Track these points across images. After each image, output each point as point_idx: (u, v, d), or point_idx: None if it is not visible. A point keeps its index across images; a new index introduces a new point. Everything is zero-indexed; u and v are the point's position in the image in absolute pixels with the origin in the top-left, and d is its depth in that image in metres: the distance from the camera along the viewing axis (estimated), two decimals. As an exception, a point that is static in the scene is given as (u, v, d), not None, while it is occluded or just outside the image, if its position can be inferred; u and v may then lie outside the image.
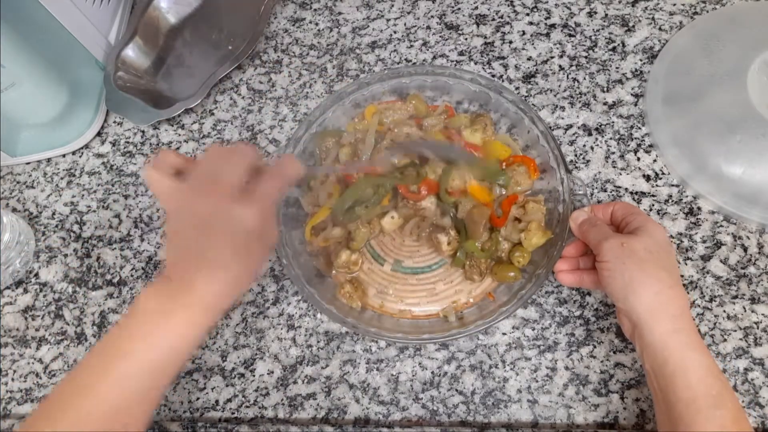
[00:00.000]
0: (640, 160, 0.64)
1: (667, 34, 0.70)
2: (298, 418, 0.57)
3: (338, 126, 0.65)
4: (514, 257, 0.57)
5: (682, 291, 0.47)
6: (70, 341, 0.64)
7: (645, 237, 0.48)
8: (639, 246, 0.47)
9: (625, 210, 0.53)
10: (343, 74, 0.73)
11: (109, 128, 0.74)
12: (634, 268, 0.46)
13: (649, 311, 0.46)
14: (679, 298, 0.46)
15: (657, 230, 0.49)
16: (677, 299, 0.46)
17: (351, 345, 0.59)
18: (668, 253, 0.49)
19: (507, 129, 0.64)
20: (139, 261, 0.66)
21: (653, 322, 0.45)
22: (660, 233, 0.49)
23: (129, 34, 0.74)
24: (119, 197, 0.70)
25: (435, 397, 0.57)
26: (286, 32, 0.76)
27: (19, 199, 0.72)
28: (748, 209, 0.60)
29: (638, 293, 0.46)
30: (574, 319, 0.58)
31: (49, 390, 0.62)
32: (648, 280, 0.46)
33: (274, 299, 0.62)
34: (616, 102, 0.67)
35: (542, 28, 0.72)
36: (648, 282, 0.46)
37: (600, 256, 0.49)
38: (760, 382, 0.55)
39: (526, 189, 0.60)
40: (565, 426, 0.55)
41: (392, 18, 0.75)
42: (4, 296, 0.67)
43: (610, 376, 0.56)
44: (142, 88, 0.73)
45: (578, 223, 0.53)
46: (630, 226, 0.51)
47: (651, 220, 0.50)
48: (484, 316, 0.55)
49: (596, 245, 0.50)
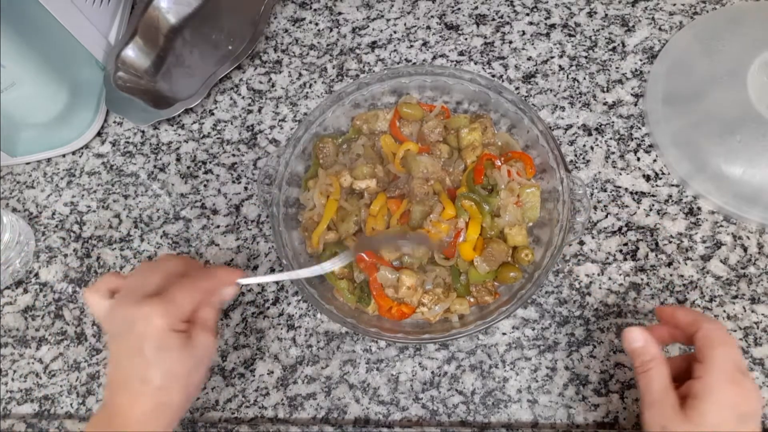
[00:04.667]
0: (640, 160, 0.64)
1: (667, 34, 0.70)
2: (298, 418, 0.57)
3: (338, 126, 0.65)
4: (519, 257, 0.57)
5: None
6: (70, 341, 0.64)
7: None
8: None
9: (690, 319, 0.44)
10: (343, 74, 0.73)
11: (109, 128, 0.74)
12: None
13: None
14: None
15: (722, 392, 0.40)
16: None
17: (351, 345, 0.59)
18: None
19: (507, 129, 0.64)
20: (139, 261, 0.66)
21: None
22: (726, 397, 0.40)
23: (129, 34, 0.74)
24: (119, 197, 0.70)
25: (435, 397, 0.57)
26: (286, 32, 0.76)
27: (19, 199, 0.72)
28: (748, 209, 0.60)
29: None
30: (574, 319, 0.58)
31: (48, 390, 0.62)
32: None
33: (274, 299, 0.62)
34: (616, 102, 0.67)
35: (542, 28, 0.72)
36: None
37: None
38: (760, 382, 0.55)
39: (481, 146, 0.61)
40: (565, 426, 0.55)
41: (392, 18, 0.75)
42: (4, 296, 0.67)
43: (610, 376, 0.56)
44: (142, 88, 0.73)
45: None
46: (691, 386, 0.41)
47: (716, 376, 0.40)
48: (484, 316, 0.55)
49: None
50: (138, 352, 0.39)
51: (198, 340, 0.42)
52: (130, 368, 0.39)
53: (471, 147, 0.61)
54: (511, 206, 0.58)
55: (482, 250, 0.57)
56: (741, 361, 0.41)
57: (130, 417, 0.39)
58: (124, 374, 0.40)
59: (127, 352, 0.40)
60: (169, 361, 0.40)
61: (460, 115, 0.65)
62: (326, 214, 0.59)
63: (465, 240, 0.56)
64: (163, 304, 0.40)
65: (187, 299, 0.42)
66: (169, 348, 0.40)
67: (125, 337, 0.40)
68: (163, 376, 0.39)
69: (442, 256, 0.57)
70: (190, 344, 0.41)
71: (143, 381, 0.39)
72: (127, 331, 0.40)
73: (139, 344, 0.39)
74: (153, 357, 0.39)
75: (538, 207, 0.59)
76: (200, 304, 0.43)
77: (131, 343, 0.39)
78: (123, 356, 0.40)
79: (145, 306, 0.39)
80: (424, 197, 0.58)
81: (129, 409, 0.39)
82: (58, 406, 0.61)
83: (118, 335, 0.41)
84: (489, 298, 0.57)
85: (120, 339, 0.40)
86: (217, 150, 0.70)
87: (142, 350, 0.39)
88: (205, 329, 0.43)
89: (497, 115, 0.63)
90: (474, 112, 0.65)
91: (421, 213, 0.58)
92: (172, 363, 0.40)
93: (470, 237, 0.56)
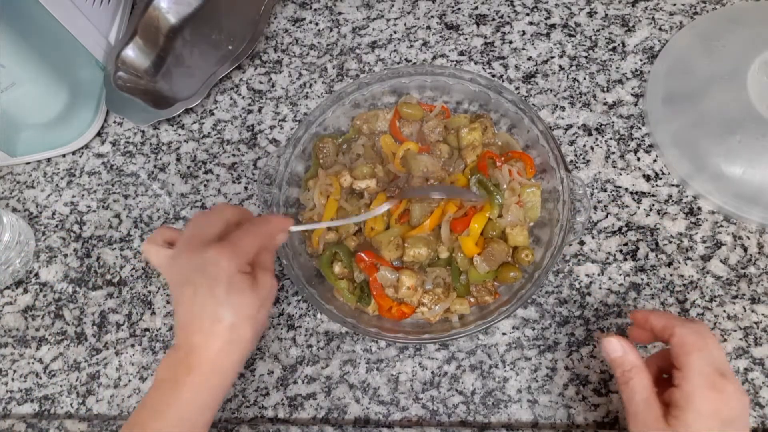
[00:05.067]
0: (640, 160, 0.64)
1: (667, 34, 0.70)
2: (298, 418, 0.57)
3: (338, 126, 0.65)
4: (519, 258, 0.57)
5: None
6: (70, 341, 0.64)
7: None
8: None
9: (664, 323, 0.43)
10: (343, 74, 0.73)
11: (109, 128, 0.74)
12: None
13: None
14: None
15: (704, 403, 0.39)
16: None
17: (351, 345, 0.59)
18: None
19: (507, 129, 0.64)
20: (139, 261, 0.66)
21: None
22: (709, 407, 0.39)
23: (129, 34, 0.74)
24: (119, 197, 0.70)
25: (435, 397, 0.57)
26: (286, 32, 0.76)
27: (19, 199, 0.72)
28: (748, 209, 0.60)
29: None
30: (574, 319, 0.58)
31: (48, 390, 0.62)
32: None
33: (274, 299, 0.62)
34: (616, 102, 0.67)
35: (542, 28, 0.72)
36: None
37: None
38: (760, 382, 0.55)
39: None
40: (565, 426, 0.55)
41: (392, 18, 0.75)
42: (4, 296, 0.67)
43: (610, 376, 0.56)
44: (142, 88, 0.73)
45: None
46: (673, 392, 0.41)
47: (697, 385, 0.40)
48: (484, 316, 0.55)
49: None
50: (209, 293, 0.40)
51: (262, 281, 0.43)
52: (202, 310, 0.41)
53: (471, 147, 0.61)
54: (514, 206, 0.58)
55: (483, 249, 0.57)
56: (721, 362, 0.40)
57: (205, 354, 0.40)
58: (196, 316, 0.41)
59: (196, 295, 0.41)
60: (239, 300, 0.41)
61: (460, 115, 0.65)
62: (326, 214, 0.59)
63: (468, 234, 0.56)
64: (229, 247, 0.41)
65: (249, 243, 0.43)
66: (239, 289, 0.41)
67: (194, 281, 0.41)
68: (234, 315, 0.41)
69: (453, 239, 0.57)
70: (255, 285, 0.43)
71: (216, 320, 0.40)
72: (196, 276, 0.41)
73: (210, 286, 0.40)
74: (224, 297, 0.40)
75: (538, 207, 0.59)
76: (260, 248, 0.45)
77: (201, 287, 0.41)
78: (193, 299, 0.41)
79: (212, 250, 0.41)
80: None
81: (204, 347, 0.40)
82: (58, 406, 0.61)
83: (185, 281, 0.42)
84: (489, 298, 0.57)
85: (187, 284, 0.41)
86: (217, 150, 0.70)
87: (213, 292, 0.40)
88: (266, 271, 0.44)
89: (497, 115, 0.63)
90: (474, 112, 0.65)
91: (421, 211, 0.58)
92: (241, 302, 0.41)
93: (474, 231, 0.56)
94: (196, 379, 0.40)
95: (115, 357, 0.62)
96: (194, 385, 0.41)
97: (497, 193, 0.57)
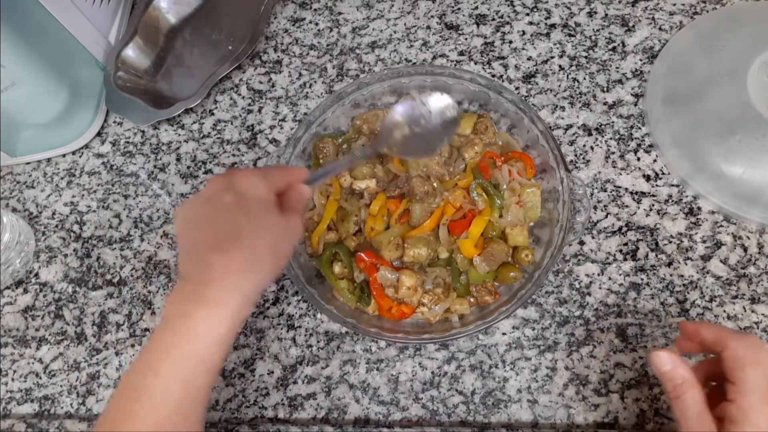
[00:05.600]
0: (640, 160, 0.64)
1: (667, 34, 0.70)
2: (298, 418, 0.57)
3: (338, 126, 0.65)
4: (519, 258, 0.57)
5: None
6: (70, 341, 0.64)
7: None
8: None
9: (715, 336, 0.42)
10: (343, 74, 0.73)
11: (109, 128, 0.74)
12: None
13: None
14: None
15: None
16: None
17: (351, 345, 0.59)
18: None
19: (507, 129, 0.64)
20: (139, 261, 0.66)
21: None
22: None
23: (129, 34, 0.74)
24: (119, 197, 0.70)
25: (435, 397, 0.57)
26: (286, 32, 0.76)
27: (19, 199, 0.72)
28: (748, 209, 0.60)
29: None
30: (574, 319, 0.58)
31: (48, 390, 0.62)
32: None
33: (274, 299, 0.62)
34: (616, 102, 0.67)
35: (542, 28, 0.72)
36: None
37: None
38: (760, 382, 0.55)
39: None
40: (565, 426, 0.55)
41: (392, 18, 0.75)
42: (4, 296, 0.67)
43: (610, 376, 0.56)
44: (142, 88, 0.73)
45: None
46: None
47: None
48: (484, 316, 0.55)
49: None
50: (236, 207, 0.39)
51: (288, 216, 0.43)
52: (224, 226, 0.39)
53: (469, 142, 0.61)
54: (514, 206, 0.58)
55: (482, 249, 0.57)
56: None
57: (223, 272, 0.38)
58: (218, 232, 0.39)
59: (220, 209, 0.40)
60: (263, 222, 0.40)
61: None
62: (326, 214, 0.59)
63: (467, 236, 0.56)
64: (259, 171, 0.42)
65: (278, 174, 0.44)
66: (265, 210, 0.41)
67: (219, 198, 0.40)
68: (255, 235, 0.40)
69: (451, 238, 0.57)
70: (282, 216, 0.42)
71: (236, 238, 0.39)
72: (222, 193, 0.40)
73: (237, 202, 0.40)
74: (248, 215, 0.39)
75: (538, 207, 0.59)
76: (287, 185, 0.44)
77: (227, 201, 0.40)
78: (215, 216, 0.40)
79: (240, 172, 0.41)
80: (423, 196, 0.58)
81: (221, 266, 0.39)
82: (58, 406, 0.61)
83: (213, 197, 0.40)
84: (489, 298, 0.57)
85: (215, 200, 0.40)
86: (217, 150, 0.70)
87: (241, 206, 0.39)
88: (294, 210, 0.44)
89: (497, 114, 0.63)
90: (474, 112, 0.65)
91: (421, 211, 0.58)
92: (265, 225, 0.40)
93: (473, 233, 0.56)
94: (212, 311, 0.38)
95: (115, 357, 0.62)
96: (208, 317, 0.38)
97: (497, 197, 0.57)
